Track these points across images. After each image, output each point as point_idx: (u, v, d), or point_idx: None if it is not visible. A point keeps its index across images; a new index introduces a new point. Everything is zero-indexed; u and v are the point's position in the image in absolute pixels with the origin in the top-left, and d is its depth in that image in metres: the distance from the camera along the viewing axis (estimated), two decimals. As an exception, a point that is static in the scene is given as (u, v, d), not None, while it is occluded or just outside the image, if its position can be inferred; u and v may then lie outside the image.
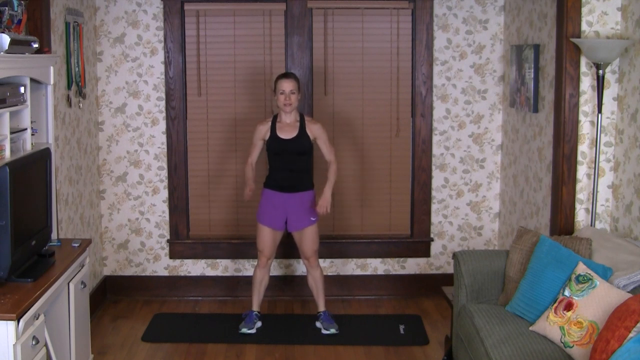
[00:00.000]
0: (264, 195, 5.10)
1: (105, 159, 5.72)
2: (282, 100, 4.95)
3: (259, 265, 5.14)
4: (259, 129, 5.07)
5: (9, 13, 3.63)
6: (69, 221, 4.96)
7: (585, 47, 4.16)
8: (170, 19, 5.57)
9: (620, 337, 2.98)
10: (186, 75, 5.67)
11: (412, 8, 5.62)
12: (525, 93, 5.04)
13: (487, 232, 5.86)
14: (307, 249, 5.10)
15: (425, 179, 5.78)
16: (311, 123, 5.06)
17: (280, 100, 4.96)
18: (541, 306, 3.73)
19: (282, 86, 4.95)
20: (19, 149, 3.78)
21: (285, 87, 4.94)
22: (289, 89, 4.94)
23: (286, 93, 4.94)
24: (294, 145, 4.99)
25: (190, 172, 5.77)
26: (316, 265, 5.14)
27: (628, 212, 4.20)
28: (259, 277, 5.15)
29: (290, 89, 4.94)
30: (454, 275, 4.27)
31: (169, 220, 5.78)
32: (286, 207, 5.05)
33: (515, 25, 5.37)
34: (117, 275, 5.83)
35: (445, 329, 5.15)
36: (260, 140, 5.08)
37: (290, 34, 5.61)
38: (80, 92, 5.15)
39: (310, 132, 5.02)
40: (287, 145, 4.99)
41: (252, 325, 5.11)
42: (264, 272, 5.14)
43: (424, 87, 5.68)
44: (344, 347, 4.92)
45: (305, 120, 5.05)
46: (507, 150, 5.59)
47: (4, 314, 3.02)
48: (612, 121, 4.38)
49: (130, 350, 4.86)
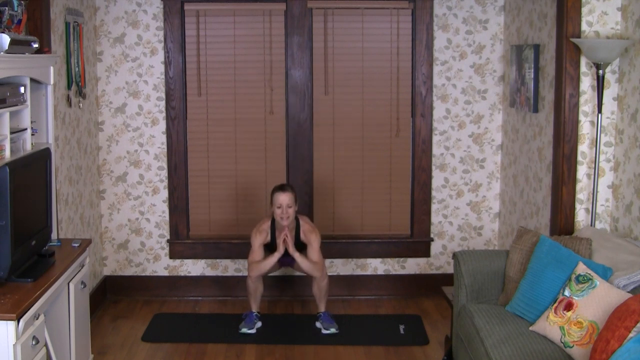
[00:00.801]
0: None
1: (105, 159, 5.72)
2: (279, 214, 5.01)
3: (250, 278, 5.14)
4: (259, 239, 5.11)
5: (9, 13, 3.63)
6: (69, 221, 4.96)
7: (585, 47, 4.16)
8: (170, 19, 5.57)
9: (620, 337, 2.98)
10: (186, 75, 5.67)
11: (412, 8, 5.62)
12: (525, 93, 5.04)
13: (487, 232, 5.86)
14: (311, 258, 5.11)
15: (425, 179, 5.78)
16: (307, 231, 5.11)
17: (277, 214, 5.02)
18: (541, 306, 3.73)
19: (278, 200, 5.01)
20: (19, 149, 3.78)
21: (282, 201, 5.00)
22: (285, 203, 5.00)
23: (283, 207, 5.00)
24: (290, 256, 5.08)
25: (190, 172, 5.77)
26: (324, 276, 5.14)
27: (628, 212, 4.20)
28: (252, 288, 5.16)
29: (287, 203, 5.00)
30: (454, 275, 4.27)
31: (169, 220, 5.78)
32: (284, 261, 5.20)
33: (515, 25, 5.37)
34: (117, 275, 5.83)
35: (445, 329, 5.15)
36: (260, 246, 5.12)
37: (290, 34, 5.61)
38: (80, 92, 5.15)
39: (305, 239, 5.12)
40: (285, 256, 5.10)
41: (252, 325, 5.12)
42: (256, 283, 5.15)
43: (424, 87, 5.68)
44: (344, 347, 4.92)
45: (301, 228, 5.11)
46: (507, 150, 5.59)
47: (4, 314, 3.02)
48: (612, 121, 4.38)
49: (130, 350, 4.86)
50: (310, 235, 5.09)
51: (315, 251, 5.08)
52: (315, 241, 5.08)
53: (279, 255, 5.04)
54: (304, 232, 5.11)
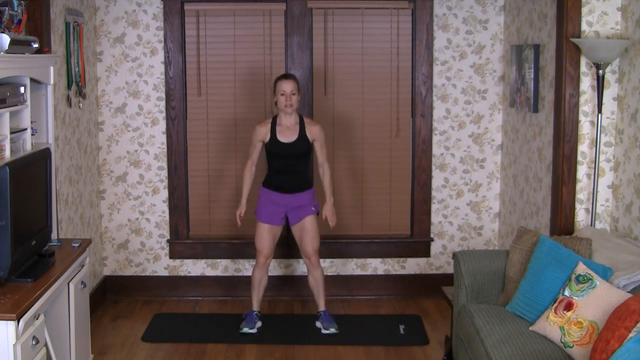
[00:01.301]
0: (262, 193, 5.10)
1: (105, 159, 5.72)
2: (283, 102, 4.92)
3: (257, 265, 5.13)
4: (259, 131, 5.04)
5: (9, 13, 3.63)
6: (69, 221, 4.96)
7: (585, 47, 4.16)
8: (170, 19, 5.57)
9: (620, 337, 2.98)
10: (186, 75, 5.67)
11: (412, 8, 5.62)
12: (525, 93, 5.03)
13: (487, 232, 5.86)
14: (308, 247, 5.09)
15: (425, 179, 5.78)
16: (311, 125, 5.04)
17: (281, 101, 4.93)
18: (541, 306, 3.73)
19: (282, 87, 4.92)
20: (19, 149, 3.78)
21: (285, 88, 4.92)
22: (289, 90, 4.91)
23: (287, 94, 4.91)
24: (294, 148, 4.98)
25: (190, 172, 5.77)
26: (317, 265, 5.14)
27: (628, 212, 4.20)
28: (257, 277, 5.15)
29: (290, 90, 4.92)
30: (454, 275, 4.27)
31: (169, 220, 5.78)
32: (286, 205, 5.07)
33: (515, 25, 5.37)
34: (117, 275, 5.83)
35: (445, 329, 5.15)
36: (260, 142, 5.06)
37: (290, 34, 5.61)
38: (80, 92, 5.15)
39: (310, 134, 5.01)
40: (287, 149, 4.98)
41: (253, 325, 5.12)
42: (263, 272, 5.14)
43: (424, 87, 5.68)
44: (344, 347, 4.92)
45: (304, 122, 5.04)
46: (507, 150, 5.59)
47: (4, 314, 3.02)
48: (612, 121, 4.38)
49: (130, 350, 4.86)
50: (314, 128, 5.02)
51: (323, 146, 5.06)
52: (322, 135, 5.04)
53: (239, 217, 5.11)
54: (308, 124, 5.03)
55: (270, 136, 5.01)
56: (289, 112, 4.95)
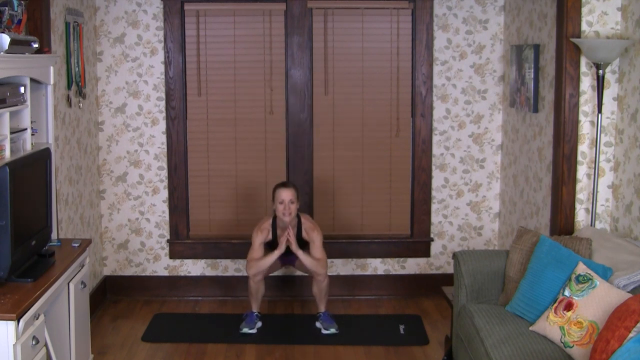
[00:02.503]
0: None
1: (105, 159, 5.72)
2: (282, 210, 4.99)
3: (250, 276, 5.12)
4: (260, 238, 5.09)
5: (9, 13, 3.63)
6: (69, 221, 4.96)
7: (585, 47, 4.16)
8: (170, 19, 5.57)
9: (620, 337, 2.98)
10: (186, 75, 5.67)
11: (412, 8, 5.62)
12: (525, 93, 5.04)
13: (487, 232, 5.86)
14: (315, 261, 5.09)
15: (425, 179, 5.78)
16: (309, 229, 5.10)
17: (279, 210, 5.00)
18: (541, 306, 3.73)
19: (281, 196, 5.00)
20: (19, 149, 3.78)
21: (284, 197, 4.99)
22: (288, 199, 4.99)
23: (285, 203, 4.99)
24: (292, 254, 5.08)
25: (190, 172, 5.77)
26: (325, 276, 5.12)
27: (628, 212, 4.20)
28: (254, 288, 5.15)
29: (289, 199, 4.99)
30: (454, 275, 4.27)
31: (169, 220, 5.78)
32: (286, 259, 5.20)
33: (515, 25, 5.37)
34: (117, 275, 5.83)
35: (445, 329, 5.15)
36: (261, 244, 5.11)
37: (290, 34, 5.61)
38: (80, 92, 5.15)
39: (307, 236, 5.11)
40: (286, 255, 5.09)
41: (253, 325, 5.12)
42: (258, 283, 5.14)
43: (424, 87, 5.68)
44: (344, 347, 4.92)
45: (302, 225, 5.10)
46: (507, 150, 5.59)
47: (4, 314, 3.02)
48: (612, 121, 4.38)
49: (130, 350, 4.86)
50: (312, 233, 5.09)
51: (318, 248, 5.07)
52: (317, 238, 5.07)
53: (279, 253, 5.02)
54: (306, 229, 5.11)
55: (271, 238, 5.12)
56: (288, 220, 5.02)
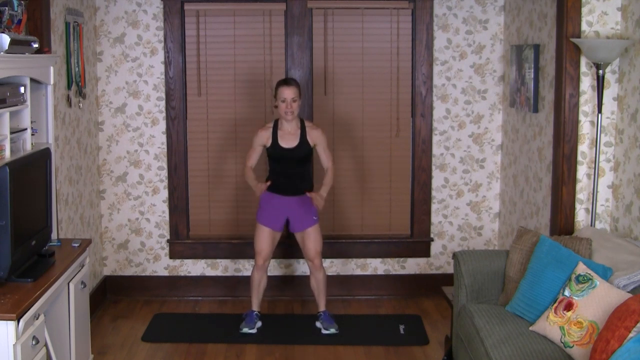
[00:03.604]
0: (263, 197, 5.09)
1: (105, 159, 5.72)
2: (284, 109, 4.91)
3: (256, 267, 5.13)
4: (260, 135, 5.04)
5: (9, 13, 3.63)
6: (69, 221, 4.96)
7: (585, 47, 4.16)
8: (170, 19, 5.57)
9: (620, 337, 2.98)
10: (186, 75, 5.67)
11: (412, 8, 5.62)
12: (525, 93, 5.04)
13: (487, 232, 5.86)
14: (310, 250, 5.09)
15: (425, 179, 5.78)
16: (312, 129, 5.04)
17: (282, 108, 4.92)
18: (541, 306, 3.73)
19: (283, 94, 4.91)
20: (19, 149, 3.78)
21: (286, 95, 4.91)
22: (290, 97, 4.90)
23: (287, 101, 4.90)
24: (295, 153, 4.99)
25: (190, 172, 5.77)
26: (320, 267, 5.13)
27: (628, 212, 4.20)
28: (256, 279, 5.15)
29: (292, 97, 4.91)
30: (454, 275, 4.27)
31: (169, 220, 5.78)
32: (287, 209, 5.06)
33: (515, 25, 5.37)
34: (117, 275, 5.83)
35: (445, 329, 5.15)
36: (261, 145, 5.06)
37: (290, 34, 5.61)
38: (80, 92, 5.15)
39: (311, 139, 5.02)
40: (289, 154, 4.99)
41: (253, 325, 5.12)
42: (262, 274, 5.14)
43: (424, 87, 5.68)
44: (344, 347, 4.92)
45: (305, 126, 5.03)
46: (507, 150, 5.59)
47: (4, 314, 3.02)
48: (612, 121, 4.38)
49: (130, 350, 4.86)
50: (316, 131, 5.02)
51: (325, 150, 5.04)
52: (323, 138, 5.02)
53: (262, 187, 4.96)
54: (309, 128, 5.03)
55: (271, 141, 5.01)
56: (290, 119, 4.95)
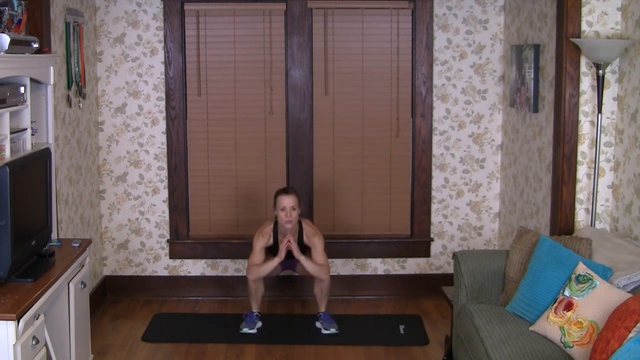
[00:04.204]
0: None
1: (105, 159, 5.72)
2: (284, 218, 4.99)
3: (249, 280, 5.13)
4: (261, 242, 5.10)
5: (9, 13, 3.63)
6: (69, 221, 4.96)
7: (585, 47, 4.16)
8: (170, 19, 5.57)
9: (620, 337, 2.98)
10: (186, 75, 5.67)
11: (412, 8, 5.62)
12: (525, 93, 5.04)
13: (487, 232, 5.86)
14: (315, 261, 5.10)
15: (425, 179, 5.78)
16: (310, 235, 5.10)
17: (282, 217, 5.00)
18: (541, 306, 3.73)
19: (282, 202, 4.99)
20: (19, 149, 3.78)
21: (286, 204, 4.99)
22: (290, 205, 4.99)
23: (287, 209, 4.98)
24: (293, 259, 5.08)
25: (190, 172, 5.77)
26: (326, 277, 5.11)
27: (628, 212, 4.20)
28: (253, 288, 5.15)
29: (291, 205, 4.99)
30: (454, 275, 4.27)
31: (169, 220, 5.78)
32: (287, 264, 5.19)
33: (515, 25, 5.37)
34: (117, 275, 5.83)
35: (445, 329, 5.15)
36: (262, 249, 5.11)
37: (290, 34, 5.61)
38: (80, 92, 5.15)
39: (308, 242, 5.11)
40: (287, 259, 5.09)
41: (253, 325, 5.12)
42: (258, 283, 5.14)
43: (424, 87, 5.68)
44: (344, 347, 4.92)
45: (303, 230, 5.10)
46: (507, 150, 5.59)
47: (4, 314, 3.02)
48: (612, 121, 4.38)
49: (130, 350, 4.86)
50: (313, 238, 5.09)
51: (320, 253, 5.07)
52: (319, 243, 5.08)
53: (279, 260, 5.03)
54: (307, 235, 5.11)
55: (272, 243, 5.12)
56: (289, 227, 5.02)
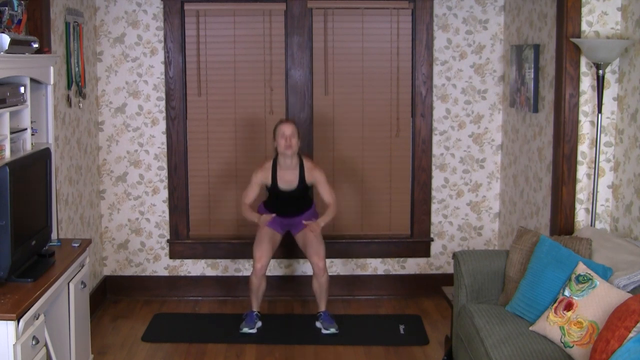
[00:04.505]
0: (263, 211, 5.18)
1: (105, 159, 5.72)
2: (283, 144, 4.98)
3: (254, 273, 5.12)
4: (259, 176, 5.10)
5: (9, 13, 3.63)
6: (69, 221, 4.96)
7: (585, 47, 4.16)
8: (170, 19, 5.57)
9: (620, 337, 2.98)
10: (186, 75, 5.67)
11: (412, 8, 5.62)
12: (525, 93, 5.04)
13: (487, 232, 5.86)
14: (312, 255, 5.09)
15: (425, 179, 5.78)
16: (311, 170, 5.10)
17: (281, 144, 4.98)
18: (541, 306, 3.73)
19: (282, 130, 5.00)
20: (19, 149, 3.78)
21: (285, 130, 4.98)
22: (289, 132, 4.98)
23: (287, 136, 4.98)
24: (294, 193, 5.09)
25: (190, 172, 5.77)
26: (324, 271, 5.12)
27: (628, 212, 4.20)
28: (255, 284, 5.14)
29: (290, 132, 4.99)
30: (454, 275, 4.27)
31: (169, 220, 5.78)
32: (287, 222, 5.18)
33: (515, 25, 5.37)
34: (117, 275, 5.83)
35: (445, 329, 5.15)
36: (259, 184, 5.11)
37: (290, 34, 5.61)
38: (80, 92, 5.15)
39: (309, 179, 5.10)
40: (287, 194, 5.09)
41: (253, 325, 5.12)
42: (260, 279, 5.13)
43: (424, 87, 5.68)
44: (344, 347, 4.92)
45: (304, 166, 5.09)
46: (507, 150, 5.59)
47: (4, 314, 3.02)
48: (612, 121, 4.38)
49: (130, 350, 4.86)
50: (314, 172, 5.07)
51: (326, 188, 5.09)
52: (321, 176, 5.07)
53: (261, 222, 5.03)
54: (308, 169, 5.08)
55: (271, 182, 5.09)
56: (289, 154, 5.00)
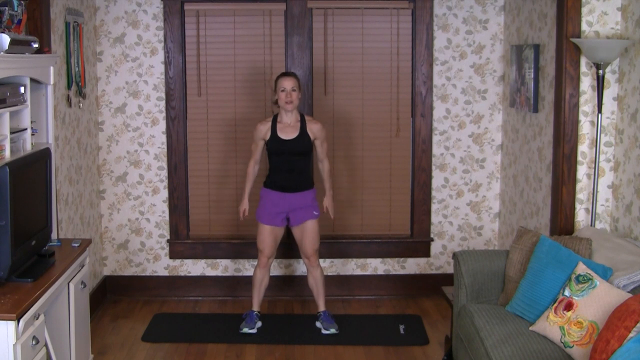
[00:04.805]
0: (263, 194, 5.10)
1: (105, 159, 5.72)
2: (283, 98, 4.91)
3: (259, 265, 5.13)
4: (260, 129, 5.04)
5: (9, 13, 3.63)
6: (69, 221, 4.96)
7: (585, 47, 4.16)
8: (170, 19, 5.57)
9: (620, 337, 2.98)
10: (186, 75, 5.67)
11: (412, 8, 5.62)
12: (525, 93, 5.04)
13: (487, 232, 5.86)
14: (308, 247, 5.09)
15: (425, 179, 5.78)
16: (312, 123, 5.04)
17: (282, 98, 4.92)
18: (541, 306, 3.73)
19: (283, 84, 4.92)
20: (19, 149, 3.78)
21: (286, 85, 4.91)
22: (290, 86, 4.91)
23: (287, 90, 4.90)
24: (295, 145, 4.97)
25: (190, 172, 5.77)
26: (317, 264, 5.14)
27: (628, 212, 4.20)
28: (259, 277, 5.14)
29: (291, 86, 4.91)
30: (454, 275, 4.27)
31: (169, 220, 5.78)
32: (287, 205, 5.05)
33: (515, 25, 5.37)
34: (117, 275, 5.83)
35: (445, 329, 5.15)
36: (261, 139, 5.06)
37: (290, 34, 5.61)
38: (80, 92, 5.15)
39: (311, 132, 5.01)
40: (288, 146, 4.97)
41: (253, 325, 5.12)
42: (264, 272, 5.14)
43: (424, 87, 5.68)
44: (344, 347, 4.92)
45: (305, 120, 5.04)
46: (507, 150, 5.59)
47: (4, 314, 3.03)
48: (612, 121, 4.38)
49: (130, 350, 4.86)
50: (315, 126, 5.02)
51: (325, 145, 5.07)
52: (322, 132, 5.03)
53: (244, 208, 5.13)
54: (309, 121, 5.04)
55: (270, 134, 5.00)
56: (289, 109, 4.94)
